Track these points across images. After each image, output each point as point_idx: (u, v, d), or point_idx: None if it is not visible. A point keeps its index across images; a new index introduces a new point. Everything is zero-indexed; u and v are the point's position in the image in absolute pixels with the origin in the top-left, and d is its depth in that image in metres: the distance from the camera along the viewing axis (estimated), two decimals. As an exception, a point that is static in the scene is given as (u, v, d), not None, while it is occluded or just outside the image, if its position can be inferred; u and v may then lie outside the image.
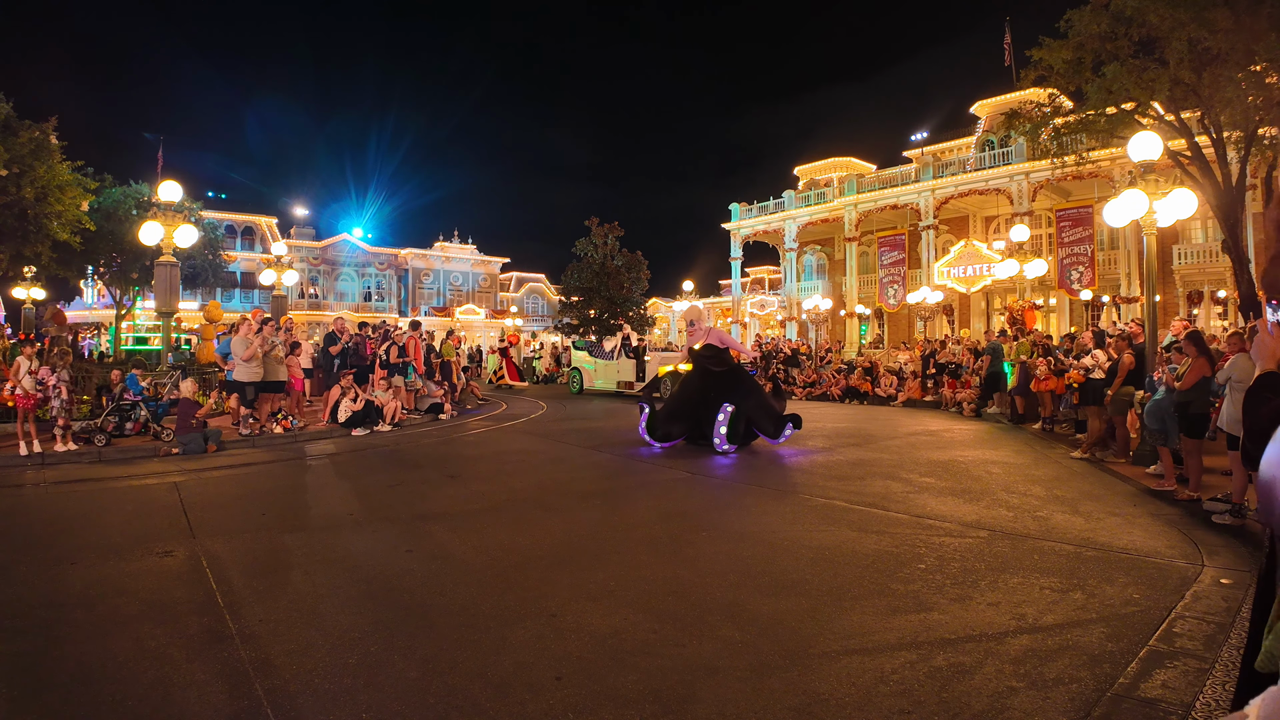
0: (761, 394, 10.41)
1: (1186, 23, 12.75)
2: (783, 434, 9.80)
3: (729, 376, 10.16)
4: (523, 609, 3.95)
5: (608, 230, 34.69)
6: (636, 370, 19.64)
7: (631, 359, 19.97)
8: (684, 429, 10.01)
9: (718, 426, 9.42)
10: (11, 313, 25.62)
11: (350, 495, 7.19)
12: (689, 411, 10.00)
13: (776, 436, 9.81)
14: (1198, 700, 2.91)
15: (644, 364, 19.52)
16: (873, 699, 2.93)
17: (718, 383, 9.94)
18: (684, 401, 10.20)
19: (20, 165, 14.75)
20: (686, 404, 10.12)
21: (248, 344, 10.96)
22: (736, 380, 10.17)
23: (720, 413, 9.43)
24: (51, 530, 5.81)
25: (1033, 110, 16.76)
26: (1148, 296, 9.99)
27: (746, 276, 46.94)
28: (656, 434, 9.97)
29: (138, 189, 23.62)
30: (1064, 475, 8.23)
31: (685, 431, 10.01)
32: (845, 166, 36.93)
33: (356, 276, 50.84)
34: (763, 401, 10.18)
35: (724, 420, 9.40)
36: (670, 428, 9.95)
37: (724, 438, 9.38)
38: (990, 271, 26.46)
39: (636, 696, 2.94)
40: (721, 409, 9.44)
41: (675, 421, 9.99)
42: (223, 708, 2.85)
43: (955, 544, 5.27)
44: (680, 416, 10.02)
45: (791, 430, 9.88)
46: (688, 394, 10.23)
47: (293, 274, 20.58)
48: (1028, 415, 13.09)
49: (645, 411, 10.17)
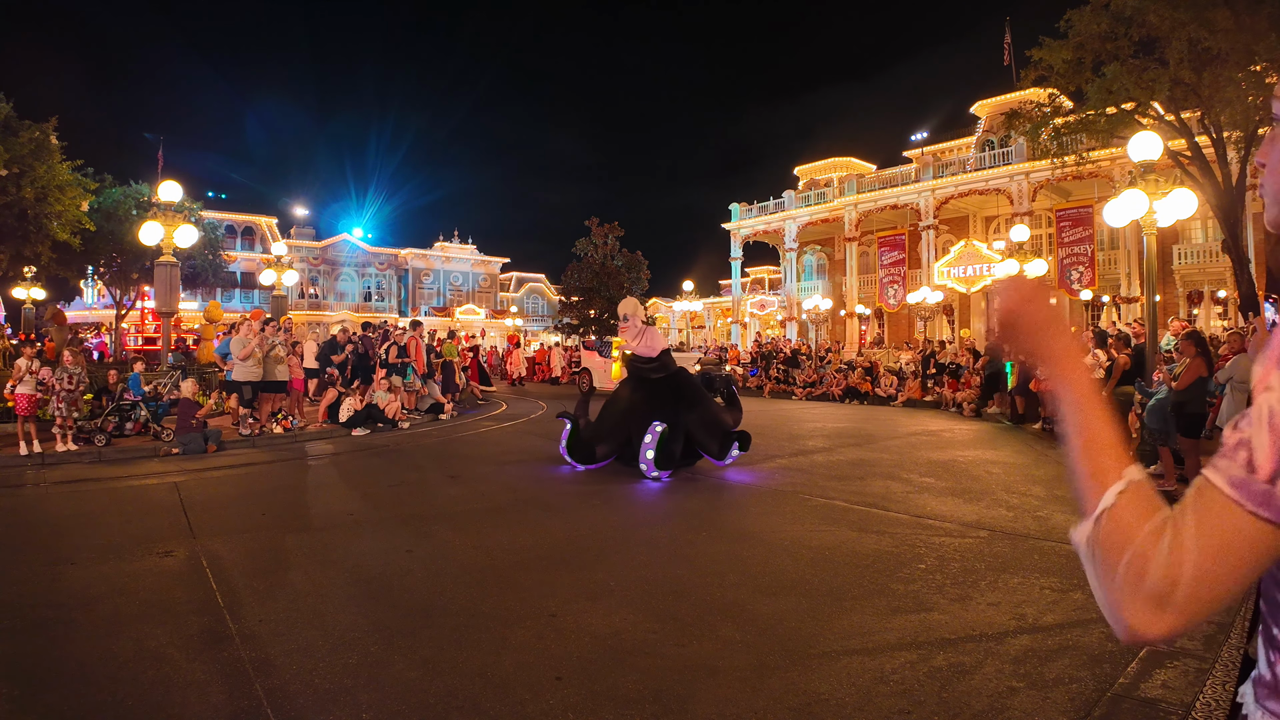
0: (708, 406, 8.75)
1: (1186, 23, 12.76)
2: (729, 455, 8.36)
3: (667, 386, 8.58)
4: (523, 609, 3.95)
5: (608, 230, 34.72)
6: None
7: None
8: (611, 448, 8.45)
9: (644, 449, 7.90)
10: (11, 313, 25.64)
11: (350, 495, 7.20)
12: (618, 427, 8.49)
13: (722, 457, 8.32)
14: (1198, 700, 2.91)
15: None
16: (873, 699, 2.93)
17: (653, 393, 8.44)
18: (613, 415, 8.67)
19: (20, 165, 14.75)
20: (616, 417, 8.60)
21: (245, 344, 10.98)
22: (676, 391, 8.57)
23: (648, 433, 7.89)
24: (51, 530, 5.81)
25: (1033, 110, 16.77)
26: (1148, 296, 9.99)
27: (746, 276, 46.92)
28: (578, 454, 8.54)
29: (138, 189, 23.60)
30: (1064, 475, 8.19)
31: (613, 451, 8.45)
32: (845, 166, 36.92)
33: (356, 276, 50.84)
34: (709, 416, 8.57)
35: (651, 443, 7.85)
36: (596, 446, 8.48)
37: (651, 463, 7.83)
38: (990, 271, 26.46)
39: (636, 696, 2.94)
40: (650, 429, 7.90)
41: (602, 439, 8.51)
42: (223, 708, 2.85)
43: (955, 544, 5.27)
44: (608, 434, 8.51)
45: (738, 452, 8.49)
46: (618, 405, 8.74)
47: (293, 274, 20.57)
48: (1028, 415, 13.09)
49: (567, 426, 8.70)
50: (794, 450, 10.01)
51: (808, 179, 38.58)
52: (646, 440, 7.91)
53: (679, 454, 8.12)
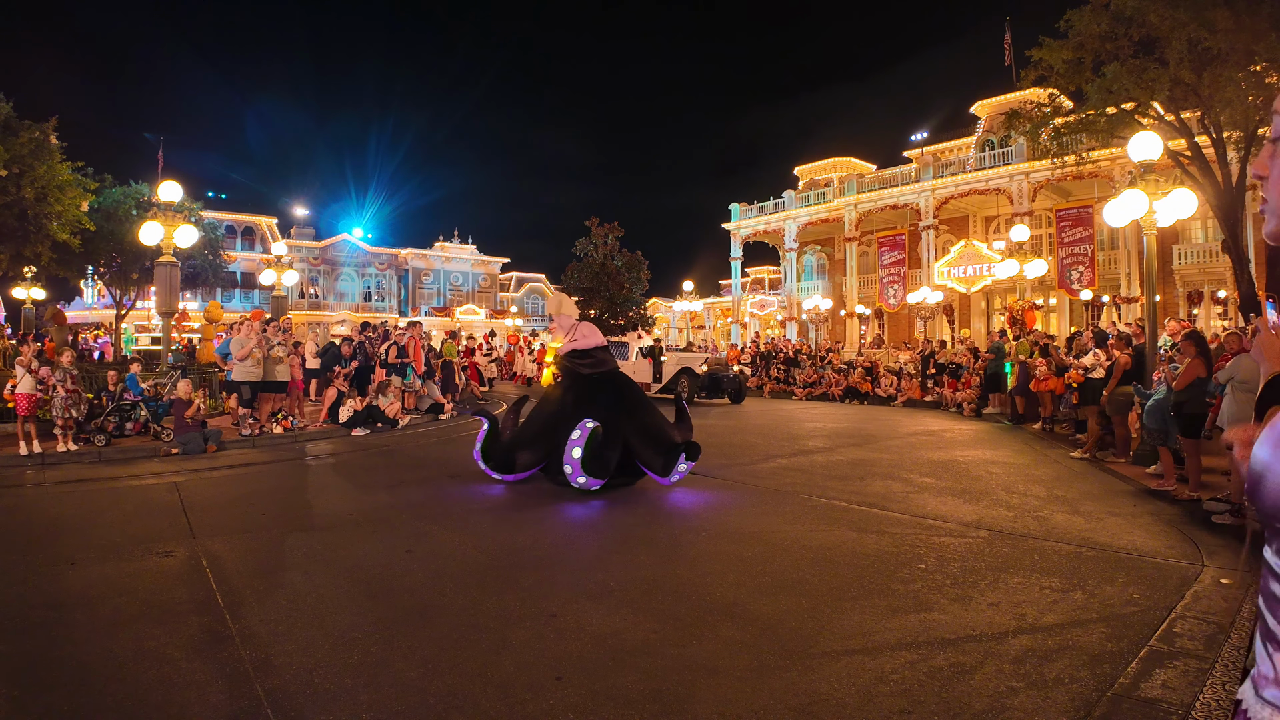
0: (651, 413, 7.51)
1: (1186, 23, 12.76)
2: (674, 470, 7.08)
3: (604, 385, 7.50)
4: (523, 609, 3.95)
5: (608, 230, 34.72)
6: (653, 370, 18.71)
7: (648, 359, 19.00)
8: (537, 455, 7.27)
9: (569, 447, 6.68)
10: (11, 313, 25.64)
11: (350, 495, 7.20)
12: (545, 430, 7.33)
13: (666, 474, 7.06)
14: (1198, 700, 2.91)
15: (660, 364, 18.73)
16: (873, 699, 2.93)
17: (586, 392, 7.39)
18: (541, 417, 7.59)
19: (20, 165, 14.72)
20: (543, 420, 7.51)
21: (244, 344, 11.01)
22: (616, 391, 7.52)
23: (577, 428, 6.73)
24: (51, 530, 5.81)
25: (1033, 110, 16.77)
26: (1148, 296, 9.99)
27: (746, 276, 46.93)
28: (494, 460, 7.32)
29: (138, 189, 23.57)
30: (1064, 475, 8.23)
31: (539, 459, 7.28)
32: (845, 166, 36.92)
33: (356, 276, 50.85)
34: (650, 424, 7.35)
35: (580, 439, 6.66)
36: (518, 452, 7.29)
37: (578, 464, 6.64)
38: (990, 271, 26.46)
39: (636, 696, 2.94)
40: (580, 424, 6.76)
41: (525, 445, 7.35)
42: (223, 708, 2.85)
43: (955, 544, 5.27)
44: (532, 439, 7.38)
45: (686, 466, 7.18)
46: (547, 407, 7.70)
47: (293, 274, 20.59)
48: (1028, 415, 13.09)
49: (484, 427, 7.52)
50: (794, 450, 10.01)
51: (808, 179, 38.58)
52: (574, 436, 6.68)
53: (614, 463, 6.94)
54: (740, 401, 18.55)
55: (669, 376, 18.46)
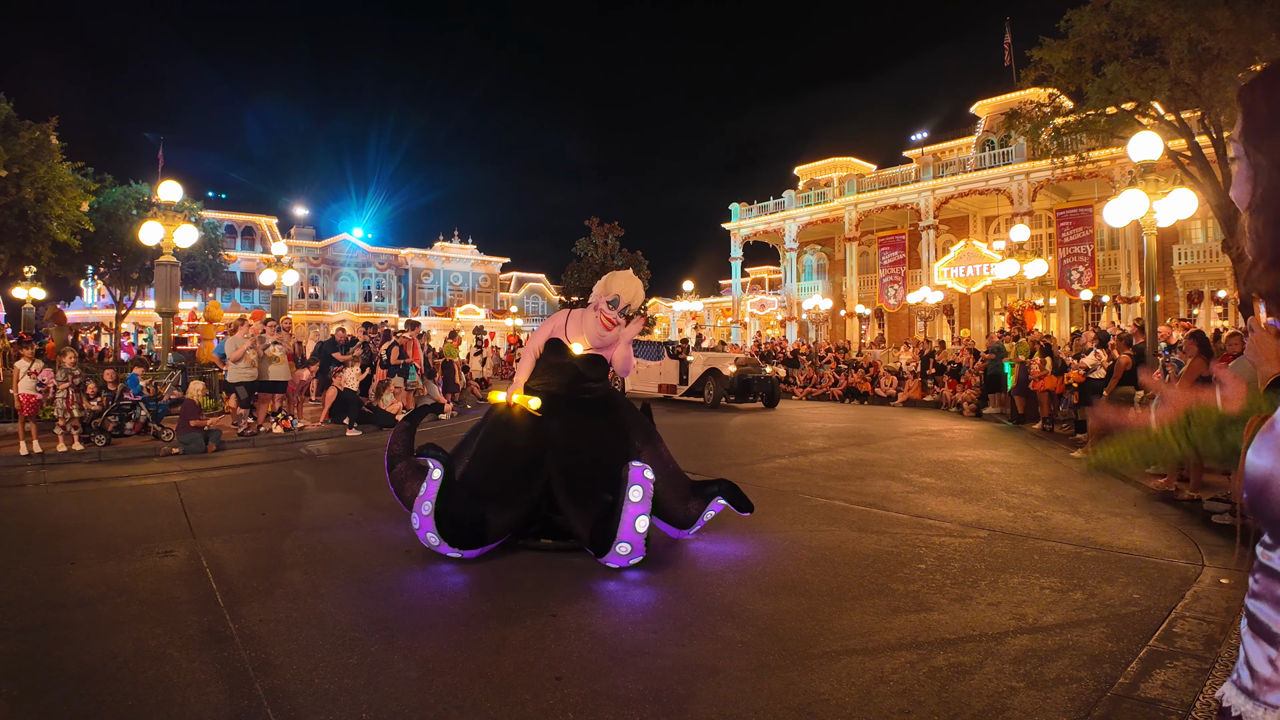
0: (660, 444, 5.46)
1: (1186, 23, 12.75)
2: (701, 516, 5.19)
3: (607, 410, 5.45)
4: (523, 609, 3.95)
5: (608, 230, 34.72)
6: (680, 372, 17.65)
7: (674, 359, 18.05)
8: (515, 516, 4.89)
9: (627, 515, 4.42)
10: (11, 313, 25.65)
11: (350, 495, 7.19)
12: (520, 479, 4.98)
13: (689, 525, 5.20)
14: (1198, 700, 2.91)
15: (687, 365, 17.55)
16: (873, 699, 2.93)
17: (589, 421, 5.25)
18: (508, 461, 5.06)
19: (20, 165, 14.72)
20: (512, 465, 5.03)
21: (238, 345, 11.07)
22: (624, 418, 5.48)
23: (634, 482, 4.47)
24: (51, 530, 5.81)
25: (1033, 110, 16.77)
26: (1148, 296, 9.99)
27: (746, 276, 46.92)
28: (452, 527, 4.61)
29: (138, 189, 23.58)
30: (1064, 475, 8.23)
31: (517, 523, 4.94)
32: (845, 166, 36.93)
33: (356, 276, 50.85)
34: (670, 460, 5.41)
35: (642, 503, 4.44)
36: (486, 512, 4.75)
37: (640, 540, 4.46)
38: (990, 271, 26.47)
39: (636, 696, 2.94)
40: (633, 475, 4.50)
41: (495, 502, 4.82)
42: (223, 708, 2.85)
43: (955, 544, 5.27)
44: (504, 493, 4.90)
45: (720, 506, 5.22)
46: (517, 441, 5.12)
47: (293, 274, 20.59)
48: (1028, 415, 13.09)
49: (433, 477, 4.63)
50: (794, 450, 10.01)
51: (808, 179, 38.59)
52: (633, 499, 4.43)
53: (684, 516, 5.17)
54: (774, 405, 17.07)
55: (695, 378, 17.33)
